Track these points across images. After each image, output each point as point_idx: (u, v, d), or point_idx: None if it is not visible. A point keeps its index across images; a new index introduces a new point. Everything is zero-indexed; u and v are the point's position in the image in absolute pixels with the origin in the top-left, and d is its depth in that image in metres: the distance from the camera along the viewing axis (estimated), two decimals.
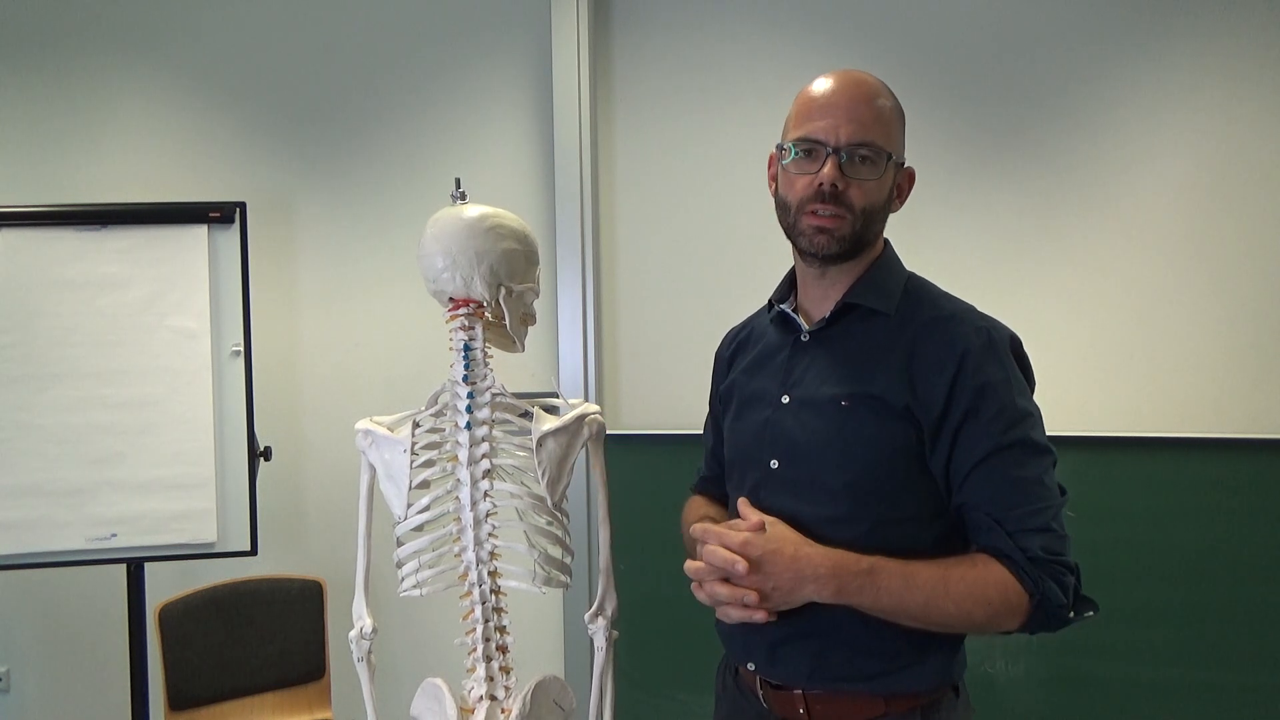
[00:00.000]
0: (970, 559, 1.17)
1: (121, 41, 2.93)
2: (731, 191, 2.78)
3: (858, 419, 1.21)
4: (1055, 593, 1.13)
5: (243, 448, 2.49)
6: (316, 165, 2.94)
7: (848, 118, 1.19)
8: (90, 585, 2.84)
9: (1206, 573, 2.42)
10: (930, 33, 2.68)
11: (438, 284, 1.29)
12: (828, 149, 1.20)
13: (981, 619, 1.14)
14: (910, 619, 1.15)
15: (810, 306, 1.33)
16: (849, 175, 1.20)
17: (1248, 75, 2.54)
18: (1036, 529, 1.14)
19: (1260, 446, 2.44)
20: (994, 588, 1.13)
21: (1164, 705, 2.44)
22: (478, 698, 1.27)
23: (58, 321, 2.44)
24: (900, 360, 1.21)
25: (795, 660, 1.23)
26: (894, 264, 1.32)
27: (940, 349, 1.20)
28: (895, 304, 1.26)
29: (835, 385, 1.24)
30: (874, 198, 1.22)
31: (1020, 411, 1.18)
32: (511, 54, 2.88)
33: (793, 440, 1.26)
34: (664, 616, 2.66)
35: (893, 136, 1.23)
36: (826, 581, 1.13)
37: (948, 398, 1.17)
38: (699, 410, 1.64)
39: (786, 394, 1.29)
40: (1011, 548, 1.14)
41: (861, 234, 1.23)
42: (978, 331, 1.21)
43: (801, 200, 1.23)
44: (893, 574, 1.13)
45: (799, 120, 1.24)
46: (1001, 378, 1.19)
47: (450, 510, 1.31)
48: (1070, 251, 2.63)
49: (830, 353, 1.27)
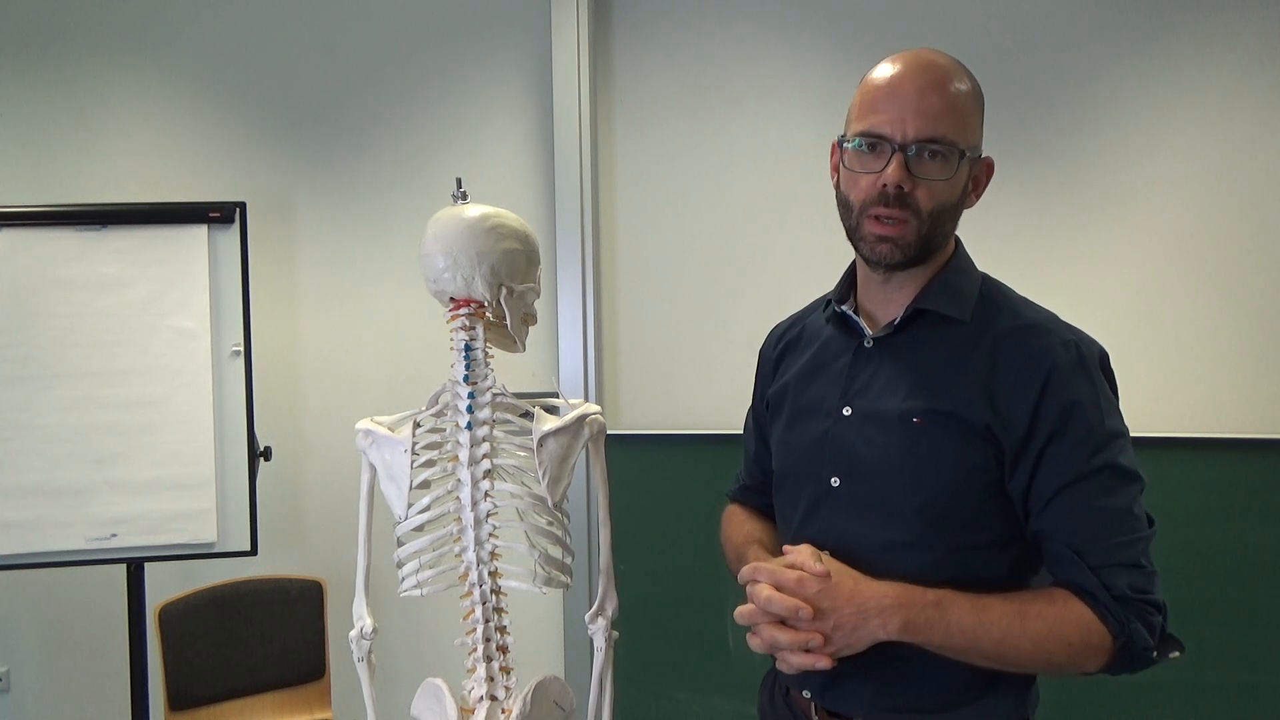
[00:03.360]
0: (1049, 594, 1.08)
1: (121, 41, 2.93)
2: (732, 191, 2.78)
3: (932, 437, 1.11)
4: (1142, 635, 1.05)
5: (243, 448, 2.49)
6: (316, 165, 2.94)
7: (915, 110, 1.07)
8: (90, 585, 2.84)
9: (1206, 573, 2.42)
10: (931, 33, 2.68)
11: (439, 284, 1.29)
12: (893, 145, 1.08)
13: (1061, 660, 1.05)
14: (982, 658, 1.06)
15: (874, 309, 1.21)
16: (916, 175, 1.08)
17: (1250, 73, 2.54)
18: (1123, 564, 1.06)
19: (1261, 446, 2.44)
20: (1074, 627, 1.04)
21: (1164, 705, 2.44)
22: (478, 698, 1.27)
23: (58, 321, 2.44)
24: (980, 373, 1.11)
25: (856, 692, 1.16)
26: (968, 266, 1.21)
27: (1025, 363, 1.10)
28: (971, 310, 1.16)
29: (905, 399, 1.13)
30: (944, 198, 1.10)
31: (1110, 433, 1.09)
32: (511, 54, 2.88)
33: (857, 457, 1.16)
34: (664, 616, 2.67)
35: (968, 127, 1.10)
36: (892, 615, 1.04)
37: (1032, 416, 1.08)
38: (699, 410, 1.64)
39: (848, 405, 1.18)
40: (1095, 585, 1.05)
41: (929, 238, 1.12)
42: (1066, 346, 1.11)
43: (865, 202, 1.11)
44: (964, 608, 1.04)
45: (862, 110, 1.12)
46: (1091, 396, 1.09)
47: (451, 510, 1.30)
48: (1071, 251, 2.63)
49: (898, 362, 1.16)
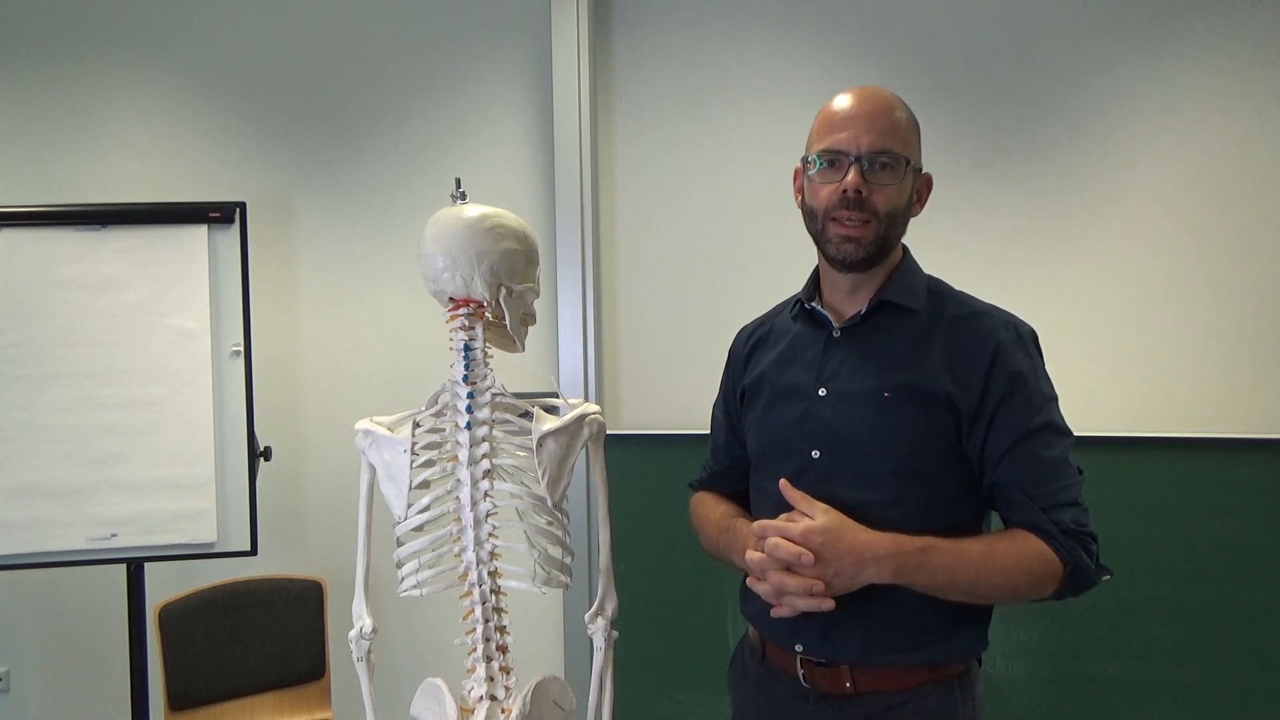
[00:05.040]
0: (1010, 534, 1.27)
1: (121, 41, 2.94)
2: (731, 191, 2.78)
3: (901, 409, 1.29)
4: (1085, 561, 1.25)
5: (243, 448, 2.50)
6: (316, 165, 2.94)
7: (868, 128, 1.28)
8: (90, 585, 2.84)
9: (1206, 573, 2.42)
10: (931, 33, 2.68)
11: (438, 284, 1.29)
12: (850, 158, 1.28)
13: (1025, 588, 1.24)
14: (960, 593, 1.24)
15: (838, 305, 1.40)
16: (871, 182, 1.28)
17: (1248, 75, 2.54)
18: (1066, 504, 1.26)
19: (1260, 446, 2.44)
20: (1035, 559, 1.23)
21: (1164, 705, 2.44)
22: (478, 698, 1.27)
23: (58, 321, 2.44)
24: (937, 353, 1.30)
25: (846, 640, 1.30)
26: (916, 267, 1.41)
27: (975, 341, 1.30)
28: (923, 302, 1.36)
29: (875, 378, 1.32)
30: (896, 202, 1.30)
31: (1047, 397, 1.30)
32: (511, 54, 2.88)
33: (835, 431, 1.33)
34: (664, 616, 2.67)
35: (910, 145, 1.32)
36: (886, 563, 1.21)
37: (985, 385, 1.28)
38: (699, 410, 1.64)
39: (823, 387, 1.35)
40: (1047, 522, 1.24)
41: (885, 237, 1.32)
42: (1006, 326, 1.32)
43: (828, 207, 1.31)
44: (944, 551, 1.22)
45: (821, 134, 1.32)
46: (1030, 367, 1.30)
47: (450, 510, 1.31)
48: (1070, 251, 2.63)
49: (864, 348, 1.35)
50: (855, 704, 1.31)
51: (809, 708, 1.35)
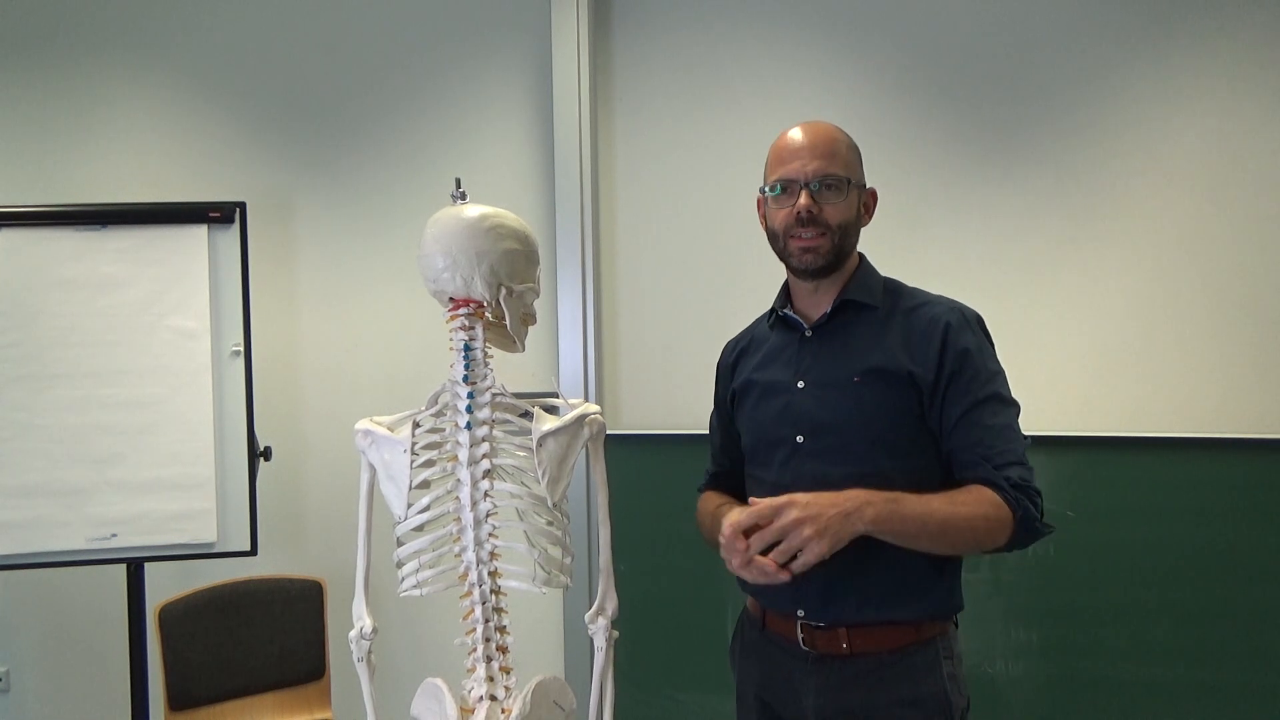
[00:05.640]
0: (968, 488, 1.41)
1: (121, 41, 2.94)
2: (731, 191, 2.78)
3: (871, 390, 1.45)
4: (1031, 511, 1.39)
5: (243, 448, 2.50)
6: (316, 165, 2.94)
7: (812, 156, 1.47)
8: (90, 585, 2.84)
9: (1206, 573, 2.42)
10: (931, 34, 2.67)
11: (438, 284, 1.30)
12: (800, 184, 1.46)
13: (984, 534, 1.37)
14: (929, 539, 1.36)
15: (806, 310, 1.58)
16: (820, 201, 1.46)
17: (1249, 76, 2.54)
18: (1013, 462, 1.40)
19: (1260, 446, 2.44)
20: (990, 506, 1.37)
21: (1164, 705, 2.44)
22: (478, 698, 1.27)
23: (58, 321, 2.44)
24: (897, 339, 1.48)
25: (844, 602, 1.44)
26: (872, 270, 1.58)
27: (927, 326, 1.47)
28: (880, 299, 1.53)
29: (845, 368, 1.48)
30: (845, 215, 1.49)
31: (991, 372, 1.47)
32: (511, 54, 2.89)
33: (815, 417, 1.49)
34: (664, 616, 2.67)
35: (852, 166, 1.50)
36: (865, 509, 1.31)
37: (939, 363, 1.44)
38: (699, 410, 1.66)
39: (801, 380, 1.52)
40: (999, 477, 1.39)
41: (841, 246, 1.49)
42: (952, 310, 1.49)
43: (785, 227, 1.49)
44: (913, 501, 1.35)
45: (774, 166, 1.52)
46: (976, 345, 1.47)
47: (450, 510, 1.31)
48: (1070, 252, 2.63)
49: (832, 343, 1.52)
50: (850, 664, 1.45)
51: (808, 668, 1.47)
